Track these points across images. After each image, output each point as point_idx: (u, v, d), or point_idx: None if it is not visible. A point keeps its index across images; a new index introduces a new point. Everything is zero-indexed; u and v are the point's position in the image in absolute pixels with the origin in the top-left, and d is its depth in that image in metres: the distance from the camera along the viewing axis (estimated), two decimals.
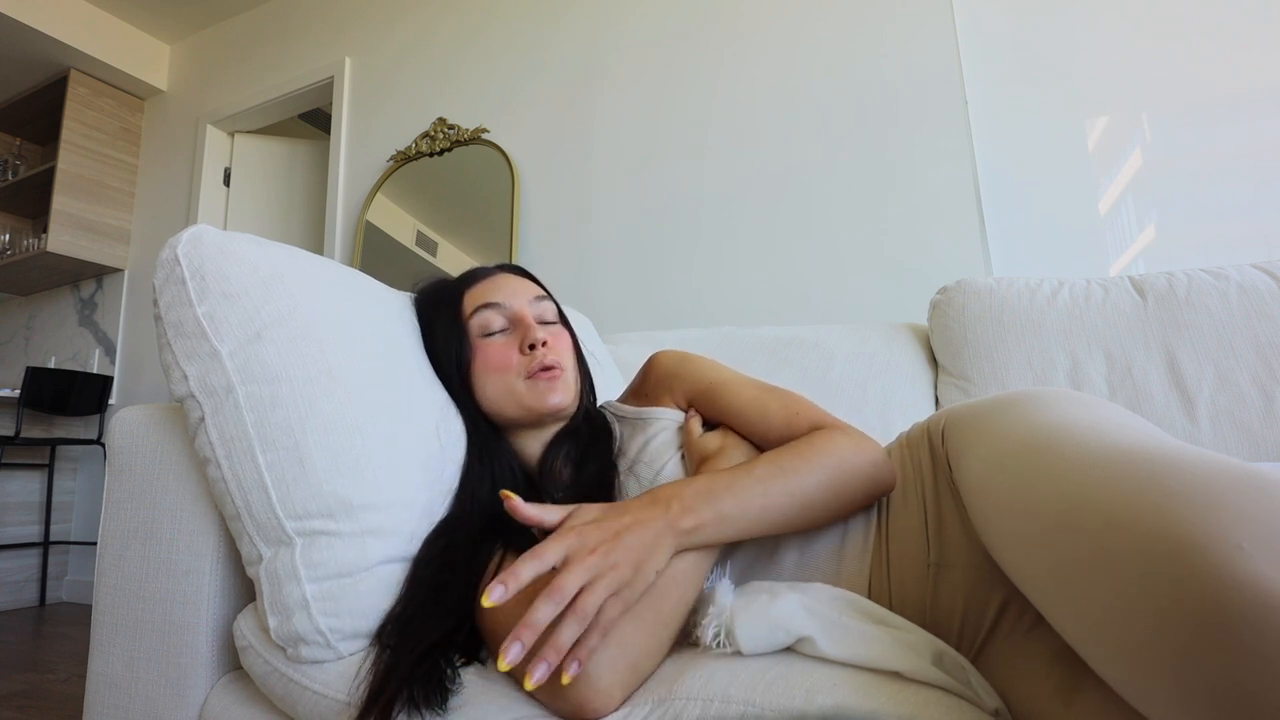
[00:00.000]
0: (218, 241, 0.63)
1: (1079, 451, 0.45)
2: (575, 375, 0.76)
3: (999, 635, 0.54)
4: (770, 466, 0.58)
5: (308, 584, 0.58)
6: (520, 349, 0.73)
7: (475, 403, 0.74)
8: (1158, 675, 0.32)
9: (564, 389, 0.72)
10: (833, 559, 0.62)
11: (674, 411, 0.74)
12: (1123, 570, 0.35)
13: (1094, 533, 0.38)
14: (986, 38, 1.77)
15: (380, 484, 0.62)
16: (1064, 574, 0.39)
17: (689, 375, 0.75)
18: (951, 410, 0.66)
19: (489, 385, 0.73)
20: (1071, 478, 0.43)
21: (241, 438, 0.59)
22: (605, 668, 0.47)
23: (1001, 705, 0.47)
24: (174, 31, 3.29)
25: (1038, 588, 0.43)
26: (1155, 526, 0.34)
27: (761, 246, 1.86)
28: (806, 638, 0.49)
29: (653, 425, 0.72)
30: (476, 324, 0.74)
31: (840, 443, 0.61)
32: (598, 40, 2.21)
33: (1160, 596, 0.32)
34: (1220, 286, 1.05)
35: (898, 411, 1.16)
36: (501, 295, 0.75)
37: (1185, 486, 0.36)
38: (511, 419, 0.74)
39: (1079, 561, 0.38)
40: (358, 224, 2.52)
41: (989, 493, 0.52)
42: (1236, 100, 1.57)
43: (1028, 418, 0.54)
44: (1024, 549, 0.45)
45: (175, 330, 0.61)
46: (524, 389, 0.72)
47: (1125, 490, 0.38)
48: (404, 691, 0.50)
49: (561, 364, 0.73)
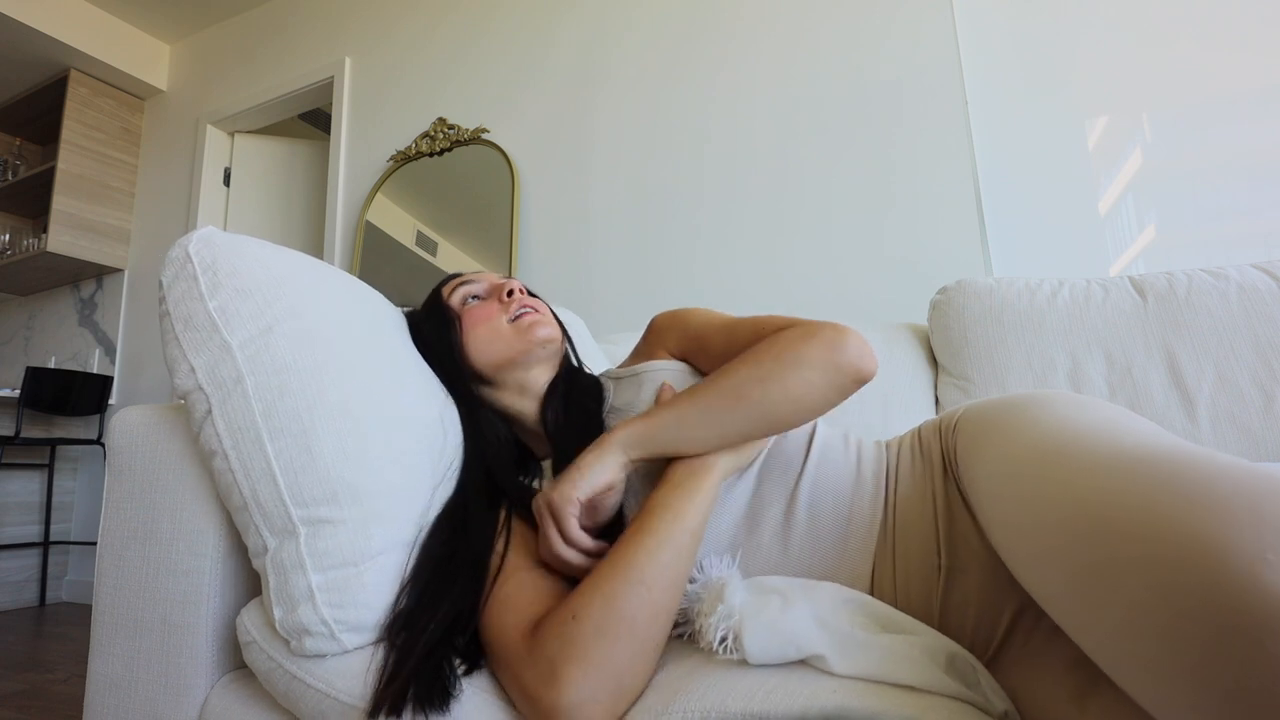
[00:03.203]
0: (228, 241, 0.65)
1: (1092, 458, 0.45)
2: (557, 323, 0.79)
3: (1014, 644, 0.53)
4: (708, 381, 0.61)
5: (313, 574, 0.58)
6: (499, 300, 0.77)
7: (470, 363, 0.76)
8: (1178, 685, 0.32)
9: (548, 324, 0.76)
10: (837, 546, 0.62)
11: (667, 362, 0.75)
12: (1143, 579, 0.34)
13: (1112, 542, 0.37)
14: (986, 38, 1.77)
15: (385, 470, 0.63)
16: (1081, 583, 0.39)
17: (677, 327, 0.76)
18: (965, 412, 0.65)
19: (477, 337, 0.76)
20: (1086, 485, 0.42)
21: (250, 427, 0.60)
22: (588, 698, 0.47)
23: (1011, 708, 0.46)
24: (174, 31, 3.29)
25: (1053, 597, 0.43)
26: (1177, 535, 0.34)
27: (761, 246, 1.86)
28: (817, 655, 0.48)
29: (644, 377, 0.73)
30: (457, 299, 0.79)
31: (794, 334, 0.60)
32: (598, 40, 2.21)
33: (1182, 606, 0.32)
34: (1220, 286, 1.05)
35: (898, 411, 1.16)
36: (475, 278, 0.82)
37: (1206, 494, 0.35)
38: (502, 360, 0.75)
39: (1096, 571, 0.38)
40: (358, 224, 2.52)
41: (999, 502, 0.51)
42: (1236, 100, 1.57)
43: (1037, 424, 0.53)
44: (1038, 559, 0.45)
45: (184, 324, 0.61)
46: (509, 328, 0.75)
47: (1143, 498, 0.38)
48: (409, 692, 0.50)
49: (540, 309, 0.78)
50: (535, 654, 0.50)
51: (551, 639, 0.50)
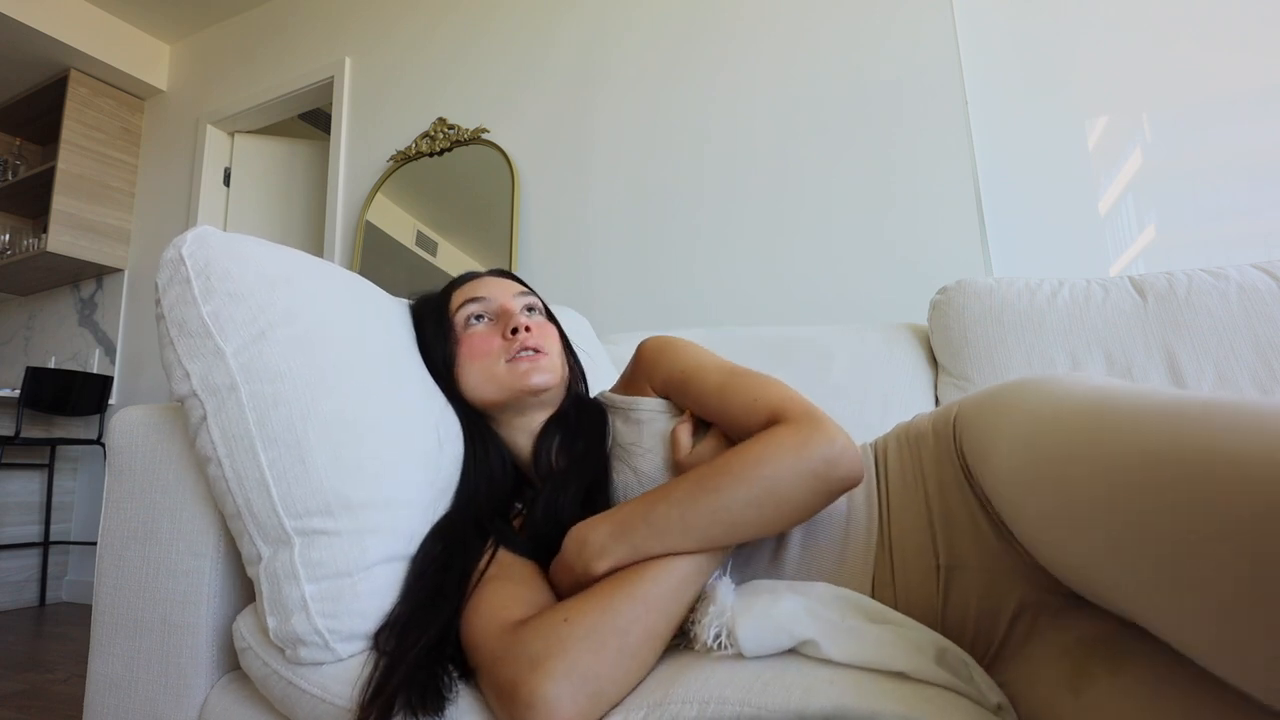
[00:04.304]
0: (223, 242, 0.63)
1: (1144, 406, 0.41)
2: (561, 362, 0.77)
3: (1014, 639, 0.52)
4: (691, 487, 0.56)
5: (306, 584, 0.58)
6: (503, 334, 0.74)
7: (461, 393, 0.75)
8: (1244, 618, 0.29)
9: (546, 370, 0.73)
10: (835, 558, 0.62)
11: (656, 401, 0.73)
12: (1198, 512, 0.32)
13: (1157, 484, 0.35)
14: (986, 38, 1.77)
15: (380, 482, 0.62)
16: (1127, 535, 0.36)
17: (664, 364, 0.73)
18: (960, 406, 0.63)
19: (472, 372, 0.74)
20: (1123, 434, 0.40)
21: (243, 436, 0.59)
22: (566, 697, 0.46)
23: (1005, 700, 0.46)
24: (174, 31, 3.29)
25: (1094, 562, 0.40)
26: (1228, 463, 0.32)
27: (761, 246, 1.86)
28: (809, 640, 0.48)
29: (639, 413, 0.72)
30: (461, 317, 0.76)
31: (781, 446, 0.56)
32: (598, 40, 2.21)
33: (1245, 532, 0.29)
34: (1220, 286, 1.05)
35: (898, 411, 1.16)
36: (486, 291, 0.77)
37: (1254, 422, 0.33)
38: (493, 403, 0.74)
39: (1143, 516, 0.35)
40: (358, 224, 2.52)
41: (1024, 475, 0.48)
42: (1236, 100, 1.57)
43: (1063, 390, 0.50)
44: (1076, 523, 0.41)
45: (179, 329, 0.61)
46: (504, 371, 0.73)
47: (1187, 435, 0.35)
48: (401, 696, 0.50)
49: (545, 348, 0.74)
50: (517, 649, 0.50)
51: (537, 637, 0.50)
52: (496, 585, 0.59)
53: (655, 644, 0.52)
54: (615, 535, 0.56)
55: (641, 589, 0.53)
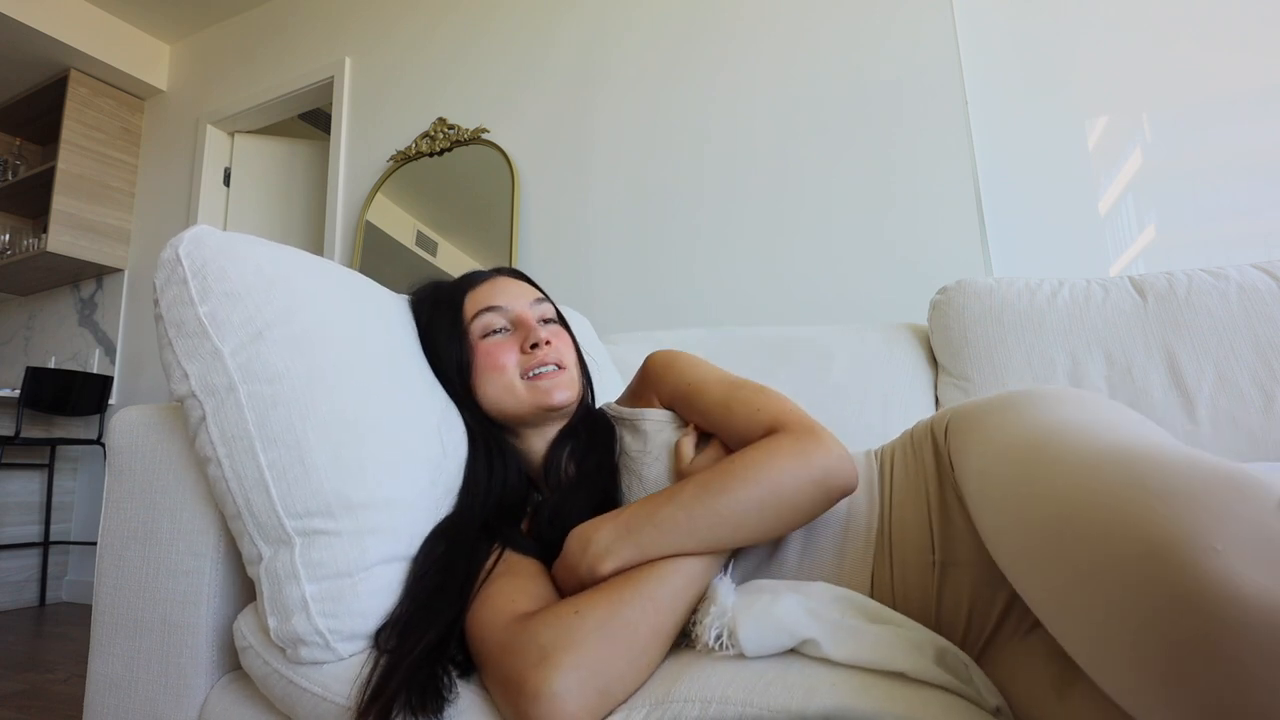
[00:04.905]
0: (220, 241, 0.63)
1: (1070, 456, 0.45)
2: (579, 374, 0.78)
3: (1003, 633, 0.54)
4: (697, 489, 0.58)
5: (307, 584, 0.58)
6: (522, 348, 0.74)
7: (477, 403, 0.75)
8: (1149, 683, 0.32)
9: (567, 386, 0.74)
10: (835, 557, 0.62)
11: (662, 413, 0.74)
12: (1110, 581, 0.34)
13: (1082, 545, 0.37)
14: (986, 38, 1.77)
15: (381, 482, 0.62)
16: (1057, 587, 0.39)
17: (670, 378, 0.74)
18: (955, 410, 0.66)
19: (491, 385, 0.73)
20: (1061, 485, 0.43)
21: (243, 436, 0.59)
22: (574, 690, 0.46)
23: (1003, 703, 0.47)
24: (174, 31, 3.29)
25: (1033, 599, 0.43)
26: (1138, 535, 0.34)
27: (761, 246, 1.86)
28: (810, 640, 0.49)
29: (647, 425, 0.73)
30: (478, 326, 0.75)
31: (782, 452, 0.58)
32: (597, 40, 2.21)
33: (1147, 609, 0.32)
34: (1220, 286, 1.05)
35: (898, 411, 1.16)
36: (503, 298, 0.77)
37: (1166, 486, 0.35)
38: (514, 417, 0.74)
39: (1069, 574, 0.38)
40: (358, 224, 2.52)
41: (985, 500, 0.52)
42: (1236, 100, 1.57)
43: (1023, 420, 0.54)
44: (1018, 559, 0.45)
45: (176, 330, 0.61)
46: (525, 387, 0.73)
47: (1111, 497, 0.38)
48: (401, 696, 0.50)
49: (564, 362, 0.75)
50: (525, 640, 0.50)
51: (547, 628, 0.50)
52: (504, 580, 0.60)
53: (662, 643, 0.53)
54: (621, 536, 0.57)
55: (649, 588, 0.53)
